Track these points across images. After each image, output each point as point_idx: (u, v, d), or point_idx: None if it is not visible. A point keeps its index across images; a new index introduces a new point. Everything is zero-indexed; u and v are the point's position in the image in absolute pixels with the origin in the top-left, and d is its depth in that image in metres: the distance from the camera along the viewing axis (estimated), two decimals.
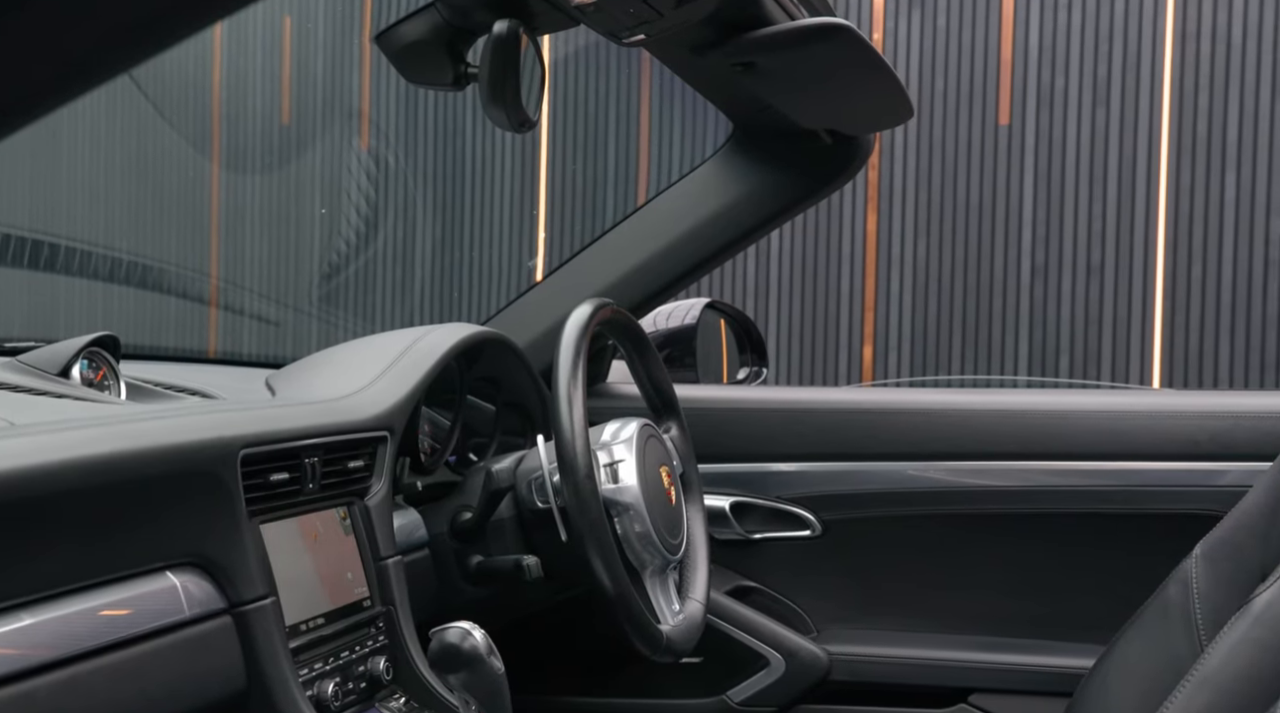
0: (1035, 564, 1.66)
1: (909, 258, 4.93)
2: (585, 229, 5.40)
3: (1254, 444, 1.55)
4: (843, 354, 5.02)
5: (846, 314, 5.01)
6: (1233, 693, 1.04)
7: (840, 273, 5.02)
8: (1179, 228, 4.59)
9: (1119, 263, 4.67)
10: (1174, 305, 4.60)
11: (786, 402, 1.80)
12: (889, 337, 4.96)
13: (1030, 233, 4.78)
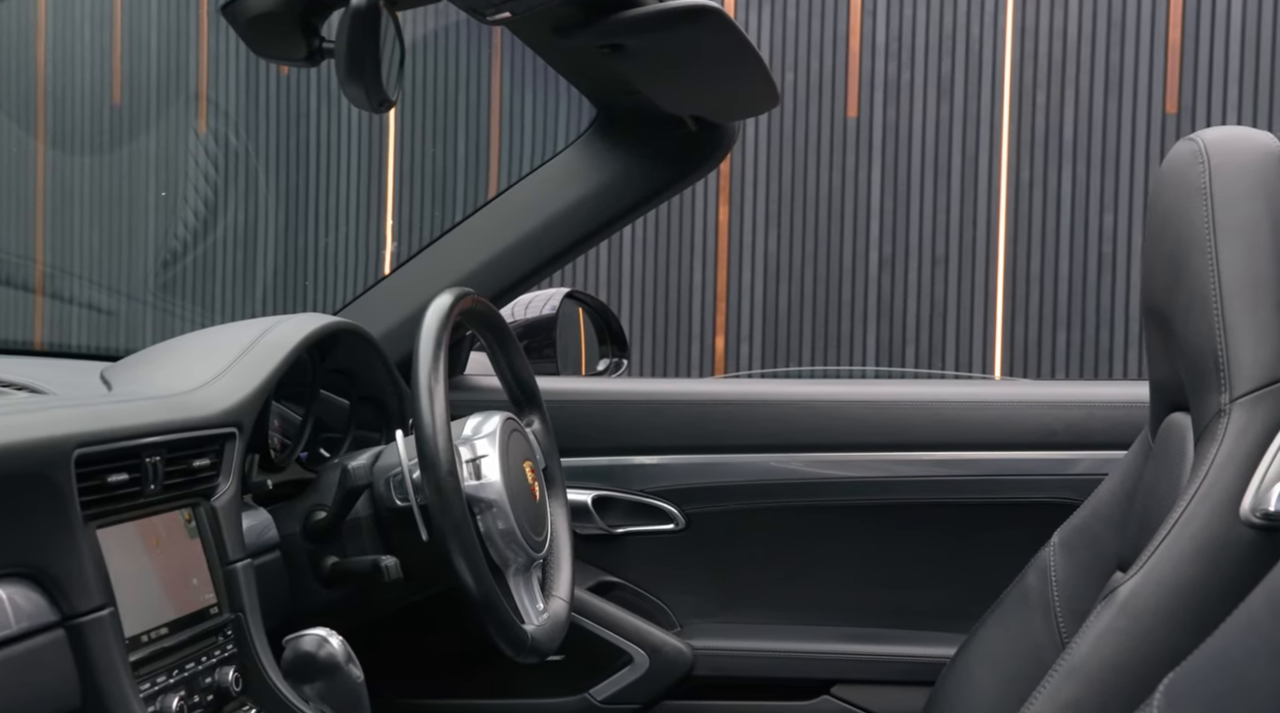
0: (896, 555, 1.66)
1: (760, 249, 4.97)
2: (435, 216, 5.30)
3: (1108, 433, 1.58)
4: (695, 345, 5.04)
5: (699, 305, 5.03)
6: (1099, 683, 1.05)
7: (692, 264, 5.03)
8: (1019, 221, 4.72)
9: (962, 255, 4.78)
10: (1014, 297, 4.73)
11: (649, 393, 1.77)
12: (740, 327, 4.99)
13: (878, 224, 4.86)
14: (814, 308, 4.91)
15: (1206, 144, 1.16)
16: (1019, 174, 4.72)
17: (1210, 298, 1.11)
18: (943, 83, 4.79)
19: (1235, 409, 1.09)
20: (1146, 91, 4.64)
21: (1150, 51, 4.63)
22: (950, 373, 4.74)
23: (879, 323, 4.85)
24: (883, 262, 4.86)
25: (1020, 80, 4.72)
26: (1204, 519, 1.06)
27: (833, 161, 4.91)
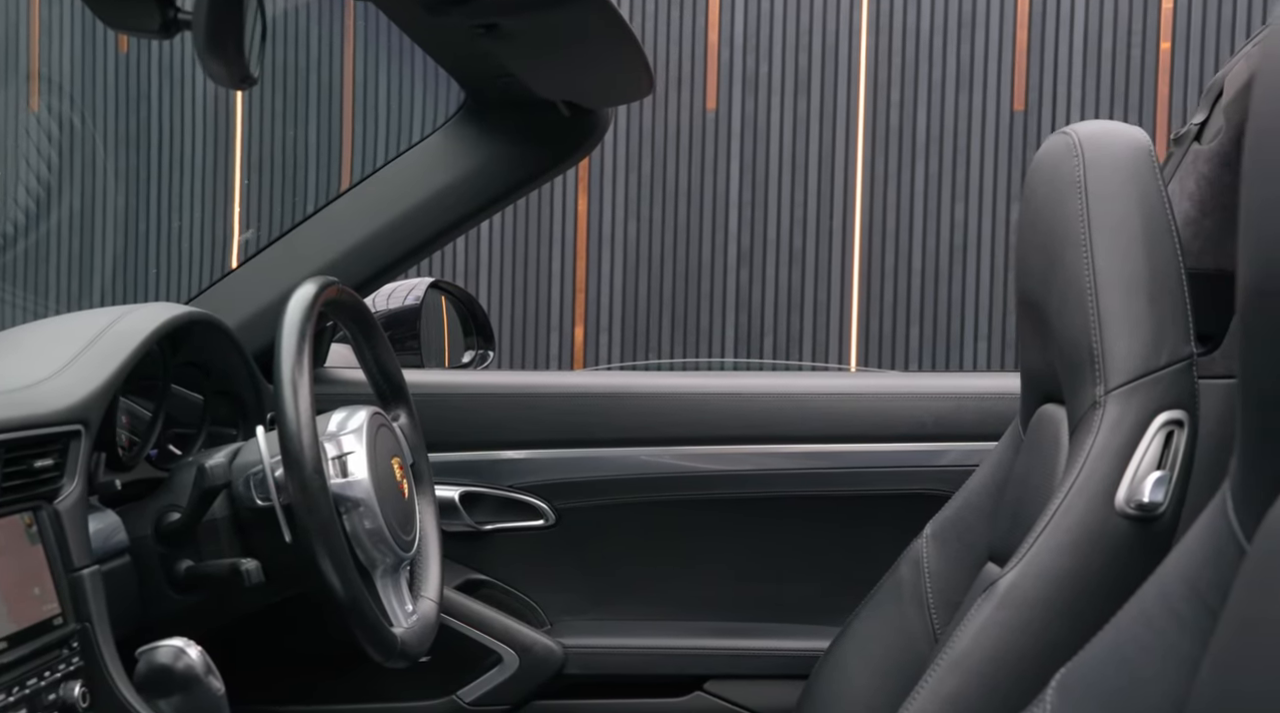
0: (769, 548, 1.65)
1: (619, 240, 4.95)
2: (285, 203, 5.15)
3: (978, 424, 1.59)
4: (554, 336, 5.00)
5: (558, 296, 4.99)
6: (981, 675, 1.05)
7: (551, 254, 4.99)
8: (873, 215, 4.80)
9: (819, 248, 4.83)
10: (869, 289, 4.80)
11: (517, 386, 1.73)
12: (600, 318, 4.97)
13: (736, 217, 4.89)
14: (673, 299, 4.91)
15: (1081, 138, 1.17)
16: (874, 168, 4.80)
17: (1085, 291, 1.12)
18: (800, 77, 4.84)
19: (1110, 401, 1.09)
20: (995, 89, 4.76)
21: (999, 50, 4.75)
22: (807, 364, 4.80)
23: (737, 314, 4.88)
24: (741, 254, 4.89)
25: (875, 76, 4.79)
26: (1081, 511, 1.07)
27: (692, 154, 4.92)
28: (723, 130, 4.90)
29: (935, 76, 4.77)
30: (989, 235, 4.75)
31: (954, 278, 4.75)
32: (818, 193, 4.84)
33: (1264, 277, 0.63)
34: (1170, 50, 4.67)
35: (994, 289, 4.73)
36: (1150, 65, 4.68)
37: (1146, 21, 4.67)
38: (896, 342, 4.78)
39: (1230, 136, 1.33)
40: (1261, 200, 0.63)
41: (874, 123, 4.79)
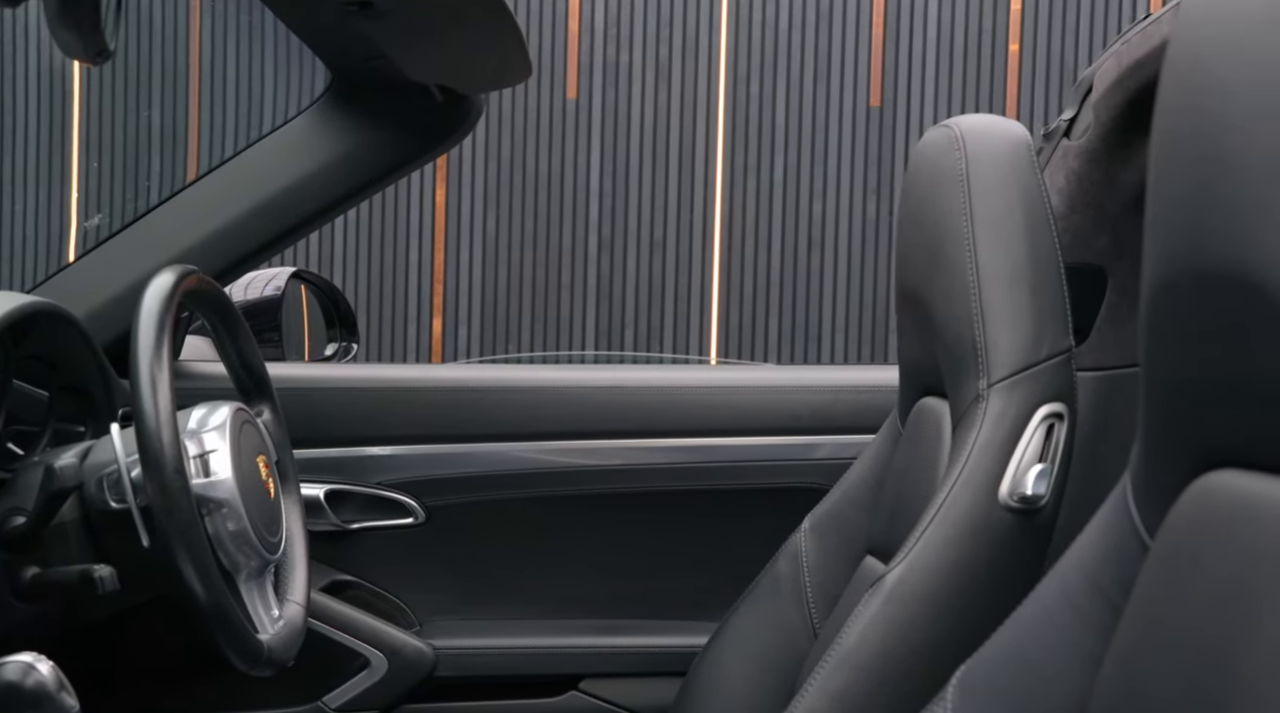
0: (646, 544, 1.63)
1: (478, 230, 4.88)
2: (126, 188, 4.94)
3: (854, 417, 1.59)
4: (411, 327, 4.91)
5: (415, 287, 4.90)
6: (869, 671, 1.04)
7: (408, 245, 4.89)
8: (734, 207, 4.82)
9: (680, 239, 4.84)
10: (729, 281, 4.83)
11: (385, 380, 1.67)
12: (459, 310, 4.90)
13: (597, 207, 4.86)
14: (533, 290, 4.87)
15: (963, 132, 1.17)
16: (733, 160, 4.82)
17: (968, 284, 1.12)
18: (660, 68, 4.84)
19: (993, 394, 1.10)
20: (852, 85, 4.83)
21: (855, 47, 4.82)
22: (668, 356, 4.80)
23: (598, 306, 4.86)
24: (602, 244, 4.87)
25: (735, 69, 4.82)
26: (965, 504, 1.07)
27: (552, 143, 4.88)
28: (583, 120, 4.87)
29: (794, 71, 4.82)
30: (846, 229, 4.82)
31: (812, 270, 4.81)
32: (678, 184, 4.84)
33: (1171, 271, 0.62)
34: (1018, 52, 4.80)
35: (851, 282, 4.81)
36: (1000, 65, 4.80)
37: (996, 23, 4.79)
38: (756, 333, 4.82)
39: (1099, 133, 1.36)
40: (1168, 196, 0.62)
41: (734, 115, 4.82)
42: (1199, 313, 0.60)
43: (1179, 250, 0.61)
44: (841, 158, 4.82)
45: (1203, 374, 0.62)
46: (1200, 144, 0.59)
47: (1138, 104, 1.28)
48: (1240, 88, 0.56)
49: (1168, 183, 0.62)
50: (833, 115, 4.82)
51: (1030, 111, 4.78)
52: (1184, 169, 0.60)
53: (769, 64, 4.82)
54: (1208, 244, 0.58)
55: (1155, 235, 0.65)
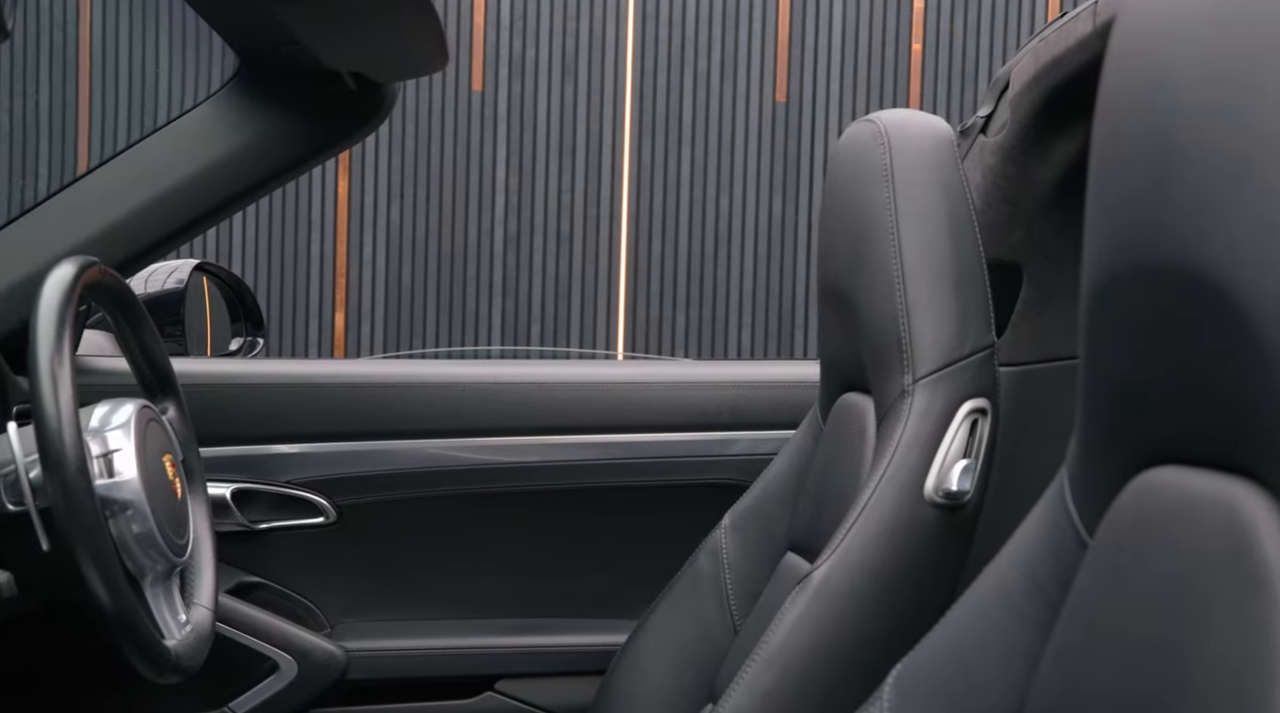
0: (562, 542, 1.61)
1: (382, 223, 4.81)
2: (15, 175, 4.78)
3: (773, 413, 1.59)
4: (313, 322, 4.82)
5: (317, 281, 4.81)
6: (797, 669, 1.04)
7: (310, 237, 4.80)
8: (640, 202, 4.82)
9: (587, 233, 4.82)
10: (636, 276, 4.82)
11: (294, 376, 1.62)
12: (362, 304, 4.82)
13: (504, 201, 4.82)
14: (438, 285, 4.81)
15: (886, 127, 1.17)
16: (641, 155, 4.81)
17: (893, 279, 1.12)
18: (567, 61, 4.81)
19: (918, 390, 1.10)
20: (759, 81, 4.84)
21: (762, 43, 4.84)
22: (575, 351, 4.78)
23: (504, 300, 4.81)
24: (508, 238, 4.83)
25: (642, 62, 4.81)
26: (892, 501, 1.07)
27: (457, 136, 4.82)
28: (489, 112, 4.82)
29: (701, 65, 4.82)
30: (753, 224, 4.84)
31: (719, 265, 4.82)
32: (585, 178, 4.82)
33: (1118, 267, 0.62)
34: (921, 51, 4.86)
35: (758, 277, 4.83)
36: (904, 63, 4.86)
37: (900, 22, 4.84)
38: (664, 328, 4.81)
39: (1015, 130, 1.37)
40: (1116, 192, 0.62)
41: (641, 110, 4.81)
42: (1147, 308, 0.60)
43: (1128, 246, 0.61)
44: (748, 153, 4.83)
45: (1148, 370, 0.62)
46: (1151, 139, 0.58)
47: (1054, 101, 1.29)
48: (1191, 84, 0.56)
49: (1115, 178, 0.62)
50: (739, 110, 4.84)
51: (933, 109, 4.85)
52: (1133, 164, 0.60)
53: (676, 58, 4.82)
54: (1160, 240, 0.58)
55: (1100, 231, 0.64)
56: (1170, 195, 0.57)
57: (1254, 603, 0.53)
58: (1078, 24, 1.23)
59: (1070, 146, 1.33)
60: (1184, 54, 0.57)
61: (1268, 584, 0.53)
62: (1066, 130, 1.32)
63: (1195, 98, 0.56)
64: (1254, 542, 0.54)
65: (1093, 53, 1.20)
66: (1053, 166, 1.35)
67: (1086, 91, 1.28)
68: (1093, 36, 1.20)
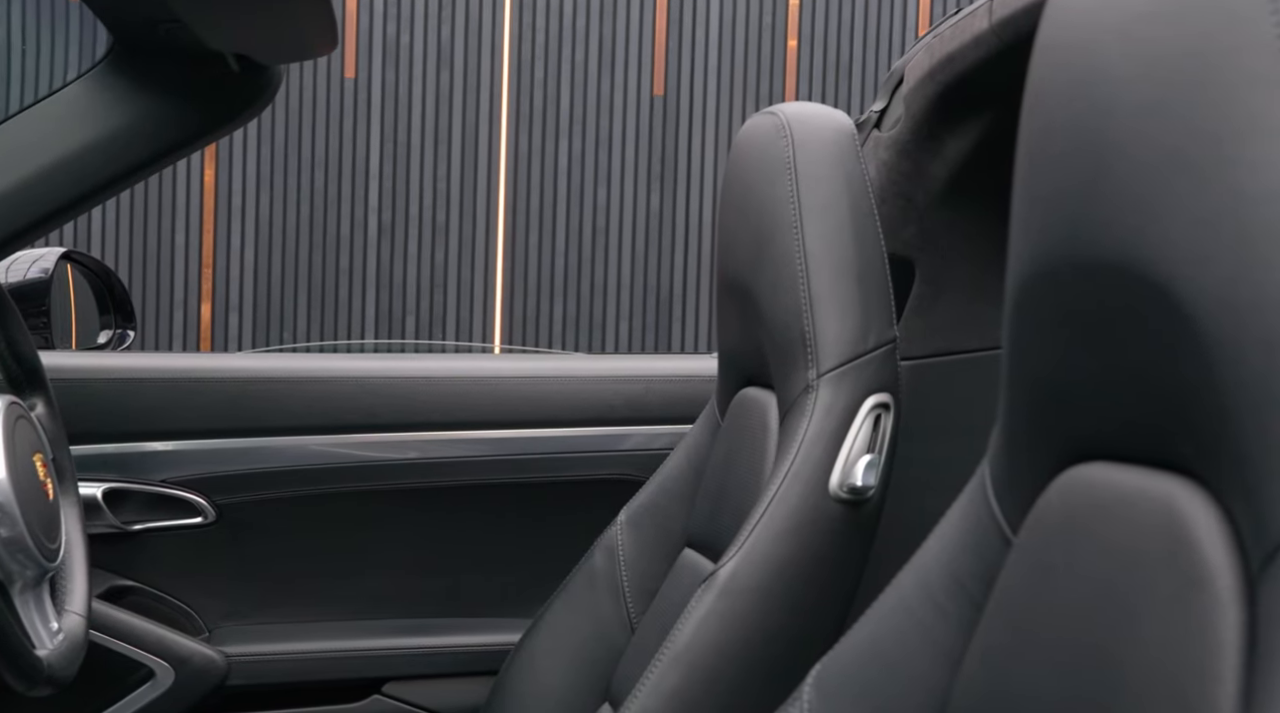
0: (453, 540, 1.57)
1: (250, 213, 4.68)
2: None
3: (667, 407, 1.57)
4: (178, 313, 4.66)
5: (182, 271, 4.65)
6: (704, 667, 1.02)
7: (174, 226, 4.65)
8: (518, 193, 4.77)
9: (463, 224, 4.76)
10: (513, 267, 4.77)
11: (170, 370, 1.56)
12: (229, 295, 4.68)
13: (377, 190, 4.72)
14: (309, 276, 4.70)
15: (789, 119, 1.16)
16: (518, 146, 4.76)
17: (797, 274, 1.11)
18: (442, 49, 4.73)
19: (822, 385, 1.09)
20: (636, 73, 4.84)
21: (640, 35, 4.83)
22: (451, 344, 4.72)
23: (378, 292, 4.72)
24: (382, 229, 4.74)
25: (519, 52, 4.76)
26: (797, 497, 1.06)
27: (329, 123, 4.71)
28: (362, 100, 4.72)
29: (578, 56, 4.79)
30: (630, 217, 4.83)
31: (597, 258, 4.80)
32: (461, 168, 4.75)
33: (1051, 262, 0.62)
34: (797, 47, 4.91)
35: (635, 270, 4.82)
36: (779, 59, 4.90)
37: (776, 18, 4.88)
38: (540, 320, 4.78)
39: (909, 125, 1.37)
40: (1049, 187, 0.62)
41: (518, 100, 4.76)
42: (1080, 303, 0.60)
43: (1061, 240, 0.60)
44: (626, 145, 4.82)
45: (1078, 364, 0.62)
46: (1087, 134, 0.58)
47: (949, 97, 1.30)
48: (1130, 79, 0.55)
49: (1047, 172, 0.61)
50: (617, 102, 4.82)
51: None
52: (1068, 159, 0.59)
53: (553, 48, 4.78)
54: (1096, 235, 0.57)
55: (1030, 225, 0.64)
56: (1108, 190, 0.56)
57: (1194, 602, 0.53)
58: (974, 20, 1.24)
59: (963, 142, 1.35)
60: (1122, 49, 0.56)
61: (1208, 583, 0.53)
62: (960, 126, 1.33)
63: (1134, 93, 0.55)
64: (1193, 540, 0.54)
65: (988, 49, 1.21)
66: (946, 162, 1.36)
67: (981, 88, 1.29)
68: (988, 33, 1.21)
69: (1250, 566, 0.51)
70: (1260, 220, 0.50)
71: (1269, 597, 0.49)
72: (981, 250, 1.41)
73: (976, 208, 1.39)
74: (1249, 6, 0.51)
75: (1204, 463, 0.54)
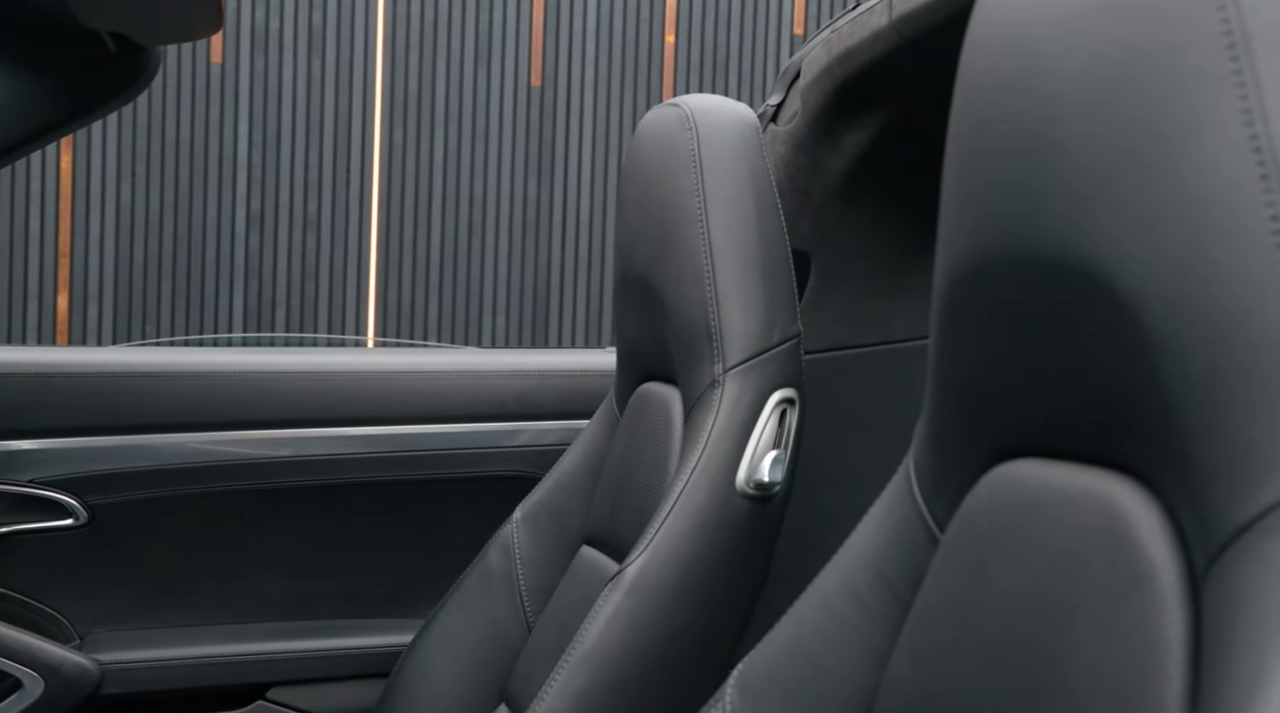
0: (343, 539, 1.53)
1: (111, 201, 4.50)
2: None
3: (561, 403, 1.55)
4: (32, 305, 4.47)
5: (36, 260, 4.46)
6: (612, 667, 1.01)
7: (29, 214, 4.45)
8: (392, 184, 4.68)
9: (335, 216, 4.65)
10: (388, 260, 4.69)
11: (34, 365, 1.48)
12: (88, 286, 4.50)
13: (245, 179, 4.59)
14: (174, 267, 4.54)
15: (693, 111, 1.15)
16: (392, 136, 4.68)
17: (702, 267, 1.10)
18: (314, 36, 4.62)
19: (728, 380, 1.08)
20: (514, 64, 4.79)
21: (516, 26, 4.78)
22: (324, 337, 4.61)
23: (247, 284, 4.59)
24: (251, 219, 4.61)
25: (393, 41, 4.67)
26: (704, 493, 1.05)
27: (195, 110, 4.56)
28: (229, 87, 4.58)
29: (454, 46, 4.73)
30: (508, 210, 4.78)
31: (473, 251, 4.74)
32: (334, 157, 4.65)
33: (986, 256, 0.61)
34: (674, 43, 4.91)
35: (513, 264, 4.78)
36: (657, 54, 4.90)
37: (654, 12, 4.88)
38: (416, 314, 4.70)
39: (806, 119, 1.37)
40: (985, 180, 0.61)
41: (392, 89, 4.67)
42: (1018, 299, 0.59)
43: (999, 236, 0.60)
44: (503, 137, 4.77)
45: (1012, 361, 0.61)
46: (1029, 129, 0.57)
47: (846, 92, 1.30)
48: (1074, 76, 0.55)
49: (983, 167, 0.61)
50: (494, 94, 4.77)
51: None
52: (1008, 155, 0.59)
53: (429, 38, 4.71)
54: (1038, 231, 0.57)
55: (963, 220, 0.63)
56: (1050, 186, 0.56)
57: (1136, 599, 0.53)
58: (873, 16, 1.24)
59: (860, 137, 1.35)
60: (1064, 44, 0.56)
61: (1150, 580, 0.52)
62: (857, 121, 1.34)
63: (1078, 89, 0.55)
64: (1134, 537, 0.54)
65: (887, 45, 1.22)
66: (842, 157, 1.37)
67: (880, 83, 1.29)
68: (888, 29, 1.21)
69: (1194, 563, 0.51)
70: (1207, 219, 0.50)
71: (1215, 595, 0.49)
72: (876, 245, 1.41)
73: (872, 203, 1.39)
74: (1194, 2, 0.51)
75: (1145, 461, 0.54)
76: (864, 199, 1.39)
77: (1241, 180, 0.49)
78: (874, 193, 1.38)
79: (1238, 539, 0.48)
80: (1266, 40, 0.49)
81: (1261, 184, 0.48)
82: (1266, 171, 0.48)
